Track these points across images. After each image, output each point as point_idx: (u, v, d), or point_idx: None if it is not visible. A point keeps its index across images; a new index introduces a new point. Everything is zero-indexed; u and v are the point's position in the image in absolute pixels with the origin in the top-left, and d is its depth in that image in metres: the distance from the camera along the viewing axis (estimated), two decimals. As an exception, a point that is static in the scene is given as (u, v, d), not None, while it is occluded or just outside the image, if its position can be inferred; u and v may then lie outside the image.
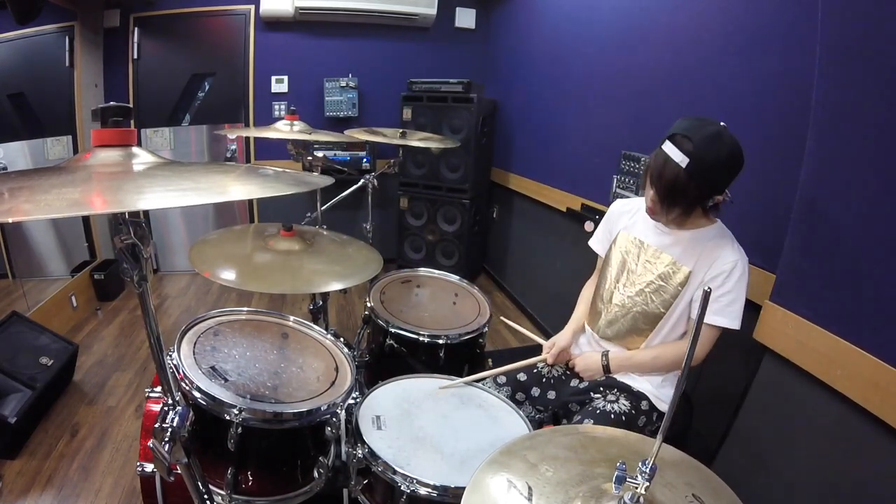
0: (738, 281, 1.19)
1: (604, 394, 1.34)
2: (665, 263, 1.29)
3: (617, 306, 1.38)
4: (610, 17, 2.32)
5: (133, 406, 2.18)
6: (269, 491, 1.15)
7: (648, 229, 1.35)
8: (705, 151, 1.08)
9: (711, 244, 1.23)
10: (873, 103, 1.03)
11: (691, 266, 1.25)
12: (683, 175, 1.10)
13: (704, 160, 1.08)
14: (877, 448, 1.03)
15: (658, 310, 1.30)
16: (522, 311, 3.42)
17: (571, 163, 2.68)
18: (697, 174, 1.09)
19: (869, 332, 1.04)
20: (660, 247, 1.31)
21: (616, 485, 0.67)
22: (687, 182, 1.10)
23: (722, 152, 1.09)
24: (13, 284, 2.65)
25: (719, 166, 1.10)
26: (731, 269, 1.19)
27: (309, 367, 1.28)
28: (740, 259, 1.20)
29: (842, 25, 1.09)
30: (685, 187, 1.11)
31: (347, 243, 1.65)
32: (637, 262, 1.35)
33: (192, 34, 3.60)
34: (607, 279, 1.42)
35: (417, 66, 3.77)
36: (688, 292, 1.26)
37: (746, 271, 1.20)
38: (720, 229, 1.26)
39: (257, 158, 3.84)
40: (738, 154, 1.10)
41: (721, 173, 1.12)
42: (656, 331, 1.32)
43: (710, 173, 1.11)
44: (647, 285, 1.32)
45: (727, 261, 1.19)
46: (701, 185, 1.12)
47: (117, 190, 0.64)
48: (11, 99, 2.89)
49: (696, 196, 1.15)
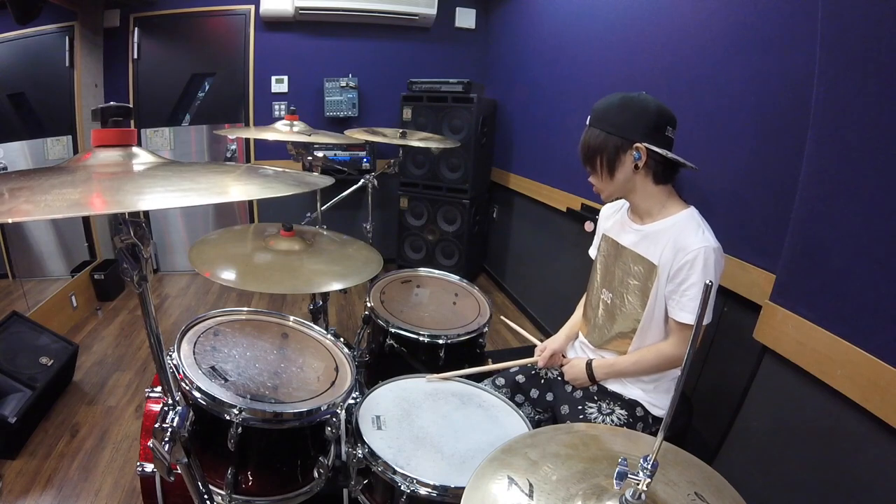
0: (702, 270, 1.13)
1: (598, 406, 1.32)
2: (636, 262, 1.26)
3: (602, 311, 1.36)
4: (610, 17, 2.32)
5: (133, 406, 2.18)
6: (269, 491, 1.15)
7: (621, 228, 1.33)
8: (600, 103, 1.21)
9: (675, 233, 1.18)
10: (873, 103, 1.03)
11: (657, 260, 1.21)
12: (588, 130, 1.21)
13: (597, 109, 1.20)
14: (877, 448, 1.03)
15: (636, 311, 1.26)
16: (522, 311, 3.42)
17: (571, 163, 2.68)
18: (595, 122, 1.20)
19: (869, 332, 1.04)
20: (630, 245, 1.28)
21: (618, 481, 0.67)
22: (590, 134, 1.20)
23: (613, 99, 1.18)
24: (13, 284, 2.65)
25: (612, 108, 1.17)
26: (693, 258, 1.13)
27: (309, 367, 1.28)
28: (704, 246, 1.13)
29: (842, 25, 1.09)
30: (590, 139, 1.20)
31: (347, 243, 1.65)
32: (615, 264, 1.33)
33: (192, 34, 3.60)
34: (594, 285, 1.41)
35: (417, 66, 3.77)
36: (659, 290, 1.21)
37: (713, 258, 1.13)
38: (688, 217, 1.20)
39: (257, 158, 3.84)
40: (638, 100, 1.16)
41: (615, 115, 1.17)
42: (639, 333, 1.27)
43: (605, 117, 1.18)
44: (623, 287, 1.29)
45: (689, 250, 1.14)
46: (600, 130, 1.18)
47: (117, 190, 0.64)
48: (11, 99, 2.89)
49: (603, 143, 1.18)
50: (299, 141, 1.74)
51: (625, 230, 1.31)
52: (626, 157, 1.17)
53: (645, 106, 1.16)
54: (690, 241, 1.15)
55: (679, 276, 1.17)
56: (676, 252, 1.17)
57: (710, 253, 1.13)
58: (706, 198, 1.61)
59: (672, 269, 1.18)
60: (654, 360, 1.26)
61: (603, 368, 1.33)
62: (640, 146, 1.15)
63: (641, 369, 1.29)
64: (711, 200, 1.60)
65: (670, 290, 1.19)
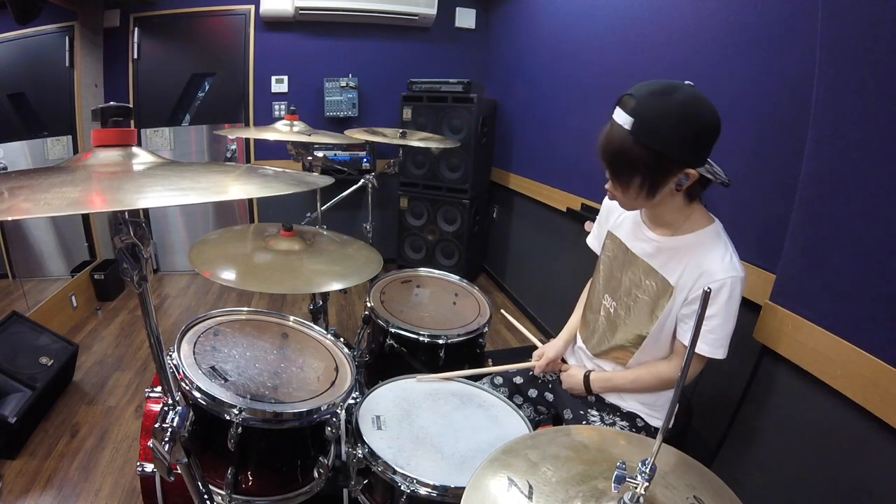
0: (725, 303, 1.02)
1: (600, 416, 1.29)
2: (648, 275, 1.14)
3: (603, 318, 1.28)
4: (610, 17, 2.32)
5: (133, 406, 2.18)
6: (269, 491, 1.15)
7: (633, 233, 1.20)
8: (649, 106, 0.92)
9: (699, 254, 1.06)
10: (873, 103, 1.03)
11: (674, 280, 1.09)
12: (629, 138, 0.93)
13: (649, 116, 0.91)
14: (877, 448, 1.03)
15: (641, 327, 1.17)
16: (522, 311, 3.42)
17: (571, 163, 2.68)
18: (642, 134, 0.92)
19: (869, 332, 1.04)
20: (643, 255, 1.16)
21: (616, 484, 0.67)
22: (633, 146, 0.93)
23: (671, 107, 0.91)
24: (13, 284, 2.65)
25: (669, 120, 0.91)
26: (718, 288, 1.01)
27: (309, 367, 1.28)
28: (730, 276, 1.01)
29: (842, 25, 1.09)
30: (631, 152, 0.94)
31: (347, 243, 1.65)
32: (622, 271, 1.22)
33: (192, 34, 3.60)
34: (596, 287, 1.32)
35: (417, 66, 3.77)
36: (672, 311, 1.11)
37: (738, 290, 1.02)
38: (713, 234, 1.07)
39: (257, 158, 3.85)
40: (698, 111, 0.92)
41: (671, 132, 0.91)
42: (641, 349, 1.20)
43: (658, 132, 0.92)
44: (630, 298, 1.19)
45: (715, 278, 1.02)
46: (649, 147, 0.93)
47: (117, 189, 0.64)
48: (11, 99, 2.89)
49: (649, 165, 0.95)
50: (299, 141, 1.74)
51: (637, 237, 1.18)
52: (671, 180, 0.99)
53: (706, 122, 0.93)
54: (717, 267, 1.02)
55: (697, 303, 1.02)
56: (699, 276, 1.05)
57: (737, 284, 1.02)
58: (706, 197, 1.60)
59: (691, 293, 1.07)
60: (652, 381, 1.21)
61: (600, 382, 1.28)
62: (693, 172, 0.98)
63: (638, 388, 1.24)
64: (711, 200, 1.60)
65: (685, 313, 1.10)
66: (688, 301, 1.09)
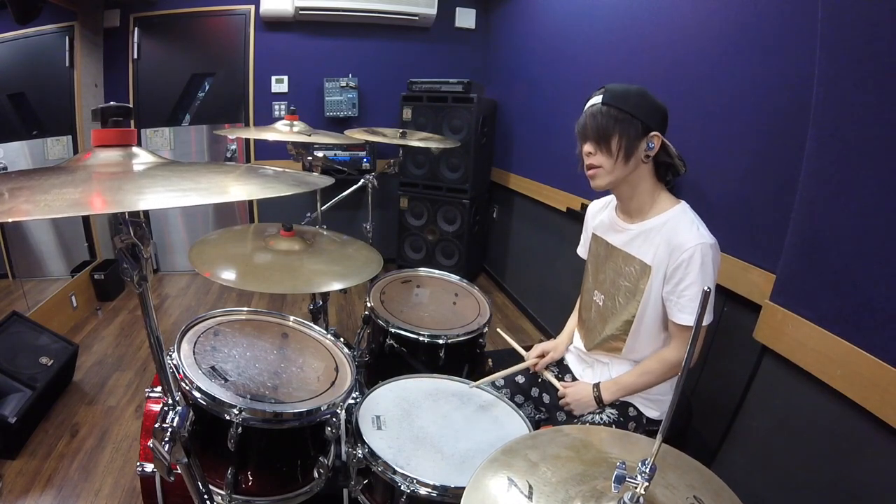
0: (700, 269, 1.09)
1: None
2: (627, 262, 1.23)
3: (595, 314, 1.34)
4: (610, 18, 2.32)
5: (133, 406, 2.18)
6: (269, 491, 1.15)
7: (611, 227, 1.30)
8: (615, 87, 1.16)
9: (669, 231, 1.15)
10: (873, 103, 1.03)
11: (650, 260, 1.18)
12: (602, 107, 1.14)
13: (615, 90, 1.15)
14: (877, 448, 1.03)
15: (628, 313, 1.23)
16: (522, 311, 3.42)
17: (572, 163, 2.66)
18: (612, 101, 1.13)
19: (869, 332, 1.04)
20: (621, 245, 1.25)
21: (615, 484, 0.67)
22: (607, 110, 1.13)
23: (632, 88, 1.16)
24: (13, 284, 2.65)
25: (632, 92, 1.14)
26: (689, 256, 1.09)
27: (309, 367, 1.28)
28: (700, 243, 1.09)
29: (842, 25, 1.09)
30: (607, 114, 1.13)
31: (347, 243, 1.65)
32: (605, 265, 1.30)
33: (192, 34, 3.60)
34: (587, 286, 1.39)
35: (417, 66, 3.77)
36: (653, 290, 1.18)
37: (710, 256, 1.10)
38: (679, 212, 1.17)
39: (257, 158, 3.85)
40: (653, 96, 1.16)
41: (636, 101, 1.13)
42: (631, 335, 1.25)
43: (625, 100, 1.13)
44: (615, 288, 1.26)
45: (684, 248, 1.10)
46: (619, 108, 1.12)
47: (117, 190, 0.64)
48: (11, 99, 2.89)
49: (621, 121, 1.12)
50: (299, 141, 1.74)
51: (614, 230, 1.29)
52: (641, 145, 1.15)
53: (660, 103, 1.17)
54: (685, 238, 1.11)
55: (676, 277, 1.13)
56: (671, 251, 1.13)
57: (707, 250, 1.10)
58: (706, 198, 1.61)
59: (668, 269, 1.15)
60: (659, 368, 1.22)
61: (611, 389, 1.27)
62: (656, 136, 1.14)
63: (649, 380, 1.24)
64: (711, 200, 1.60)
65: (668, 291, 1.17)
66: (666, 278, 1.16)
